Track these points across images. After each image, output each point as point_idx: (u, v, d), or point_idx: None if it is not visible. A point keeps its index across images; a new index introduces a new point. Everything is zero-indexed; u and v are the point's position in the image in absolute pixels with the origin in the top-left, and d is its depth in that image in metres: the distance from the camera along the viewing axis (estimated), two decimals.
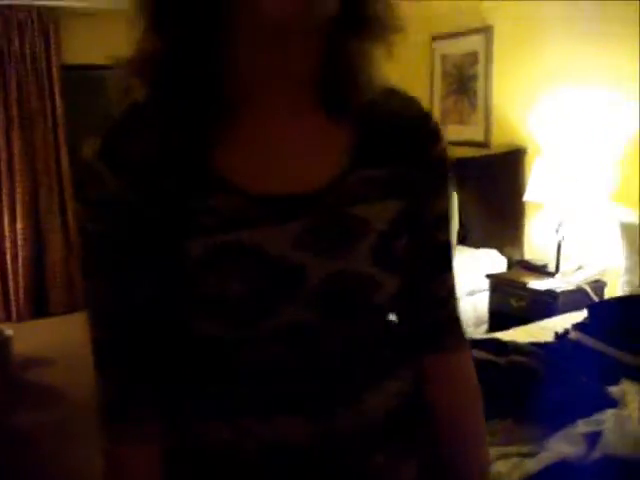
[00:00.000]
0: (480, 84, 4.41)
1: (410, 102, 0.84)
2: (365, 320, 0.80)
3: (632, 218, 3.29)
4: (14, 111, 4.84)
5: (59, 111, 4.99)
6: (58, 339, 4.55)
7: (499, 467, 1.78)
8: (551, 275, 3.67)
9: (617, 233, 3.37)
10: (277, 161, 0.75)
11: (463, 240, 4.39)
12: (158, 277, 0.73)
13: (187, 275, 0.72)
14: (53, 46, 4.89)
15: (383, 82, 0.79)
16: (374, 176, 0.78)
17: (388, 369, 0.85)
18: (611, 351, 2.46)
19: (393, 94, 0.83)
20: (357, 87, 0.77)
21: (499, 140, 4.27)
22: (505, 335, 2.77)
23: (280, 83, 0.75)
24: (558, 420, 1.96)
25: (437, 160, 0.84)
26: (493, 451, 1.77)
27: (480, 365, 1.09)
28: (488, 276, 3.87)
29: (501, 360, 2.25)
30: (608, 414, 1.99)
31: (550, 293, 3.49)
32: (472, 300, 3.87)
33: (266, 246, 0.72)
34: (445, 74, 4.72)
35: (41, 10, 4.79)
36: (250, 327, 0.73)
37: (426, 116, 0.84)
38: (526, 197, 3.80)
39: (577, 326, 2.71)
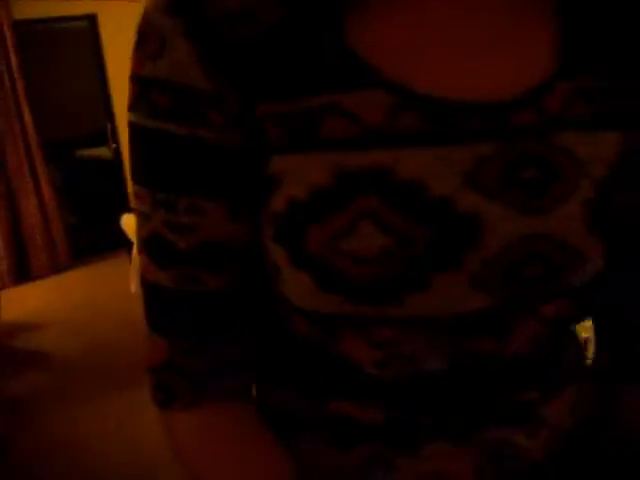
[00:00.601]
0: None
1: None
2: (556, 308, 0.53)
3: None
4: None
5: (15, 67, 4.83)
6: (43, 303, 4.53)
7: None
8: None
9: None
10: (444, 51, 0.47)
11: None
12: (238, 214, 0.50)
13: (285, 216, 0.47)
14: (1, 2, 4.69)
15: None
16: (590, 90, 0.49)
17: (569, 376, 0.62)
18: None
19: None
20: None
21: None
22: None
23: None
24: None
25: None
26: None
27: None
28: None
29: None
30: None
31: None
32: None
33: (426, 179, 0.45)
34: None
35: None
36: (381, 305, 0.47)
37: None
38: None
39: None
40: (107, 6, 5.07)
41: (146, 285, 0.54)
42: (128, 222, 4.12)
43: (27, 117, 4.93)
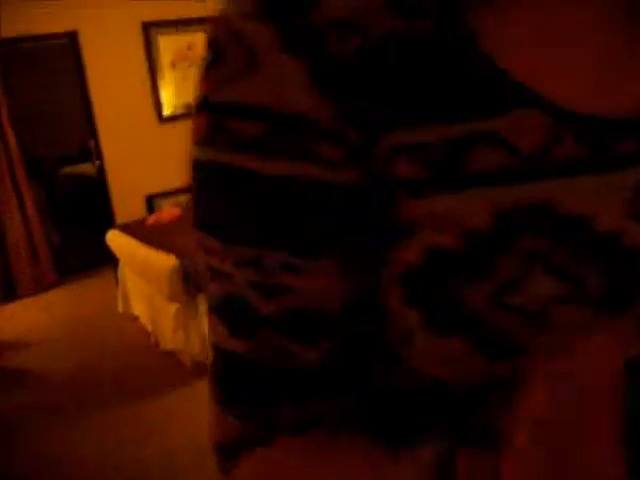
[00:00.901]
0: None
1: None
2: None
3: None
4: None
5: None
6: (29, 322, 4.50)
7: None
8: None
9: None
10: (580, 58, 0.40)
11: None
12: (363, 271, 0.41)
13: (425, 271, 0.38)
14: None
15: None
16: None
17: None
18: None
19: None
20: None
21: None
22: None
23: None
24: None
25: None
26: None
27: None
28: None
29: None
30: None
31: None
32: None
33: (591, 212, 0.38)
34: None
35: None
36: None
37: None
38: None
39: None
40: (88, 22, 5.06)
41: (218, 352, 0.44)
42: (113, 239, 4.10)
43: (10, 135, 4.91)
